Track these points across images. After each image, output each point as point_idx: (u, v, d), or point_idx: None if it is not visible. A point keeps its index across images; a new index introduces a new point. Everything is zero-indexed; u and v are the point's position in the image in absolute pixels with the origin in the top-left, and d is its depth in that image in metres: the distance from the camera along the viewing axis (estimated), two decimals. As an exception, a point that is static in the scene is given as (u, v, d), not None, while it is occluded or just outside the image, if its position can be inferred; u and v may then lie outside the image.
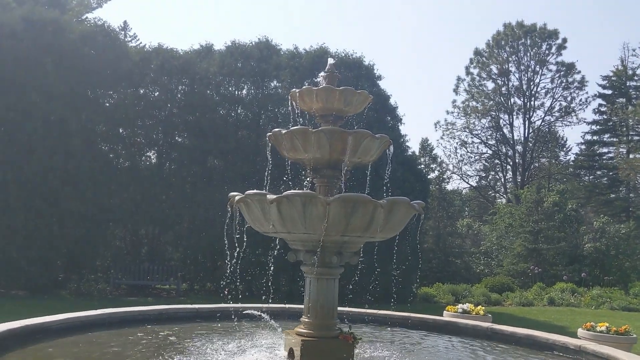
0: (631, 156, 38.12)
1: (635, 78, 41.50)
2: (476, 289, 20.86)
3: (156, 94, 19.77)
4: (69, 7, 27.64)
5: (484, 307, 10.56)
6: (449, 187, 41.13)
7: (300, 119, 6.17)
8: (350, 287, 10.79)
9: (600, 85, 42.71)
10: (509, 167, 44.52)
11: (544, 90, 42.64)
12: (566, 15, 63.53)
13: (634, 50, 41.37)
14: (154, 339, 6.59)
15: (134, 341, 6.45)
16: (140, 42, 32.23)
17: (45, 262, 16.46)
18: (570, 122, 43.03)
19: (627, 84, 41.62)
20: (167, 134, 19.72)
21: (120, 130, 19.25)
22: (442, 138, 45.53)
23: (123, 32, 31.25)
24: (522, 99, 42.83)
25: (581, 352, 6.53)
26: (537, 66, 42.36)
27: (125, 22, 33.46)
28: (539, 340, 7.17)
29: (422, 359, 6.46)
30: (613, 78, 42.15)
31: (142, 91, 19.57)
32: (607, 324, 8.91)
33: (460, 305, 10.18)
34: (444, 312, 10.07)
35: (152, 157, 20.29)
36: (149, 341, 6.48)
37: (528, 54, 42.40)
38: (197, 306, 8.72)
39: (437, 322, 8.53)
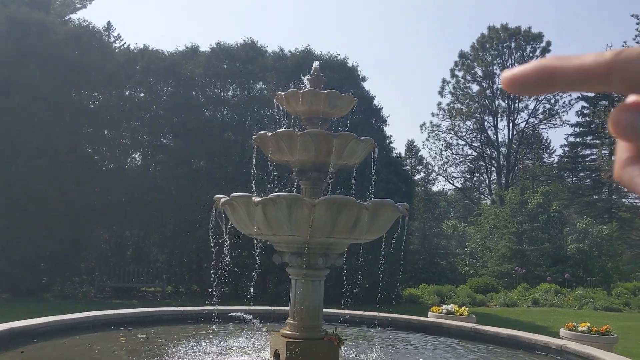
0: (613, 158, 38.46)
1: (618, 81, 42.03)
2: (461, 290, 21.00)
3: (141, 95, 19.67)
4: (52, 8, 27.43)
5: (468, 308, 10.64)
6: (435, 188, 41.36)
7: (286, 121, 6.20)
8: (336, 288, 10.84)
9: (583, 88, 43.19)
10: (493, 168, 44.90)
11: (528, 93, 43.07)
12: (550, 18, 64.18)
13: (616, 53, 41.87)
14: (139, 342, 6.59)
15: (119, 344, 6.44)
16: (125, 43, 32.08)
17: (29, 265, 16.31)
18: (553, 124, 43.56)
19: (610, 87, 42.14)
20: (153, 136, 19.64)
21: (105, 132, 19.14)
22: (427, 140, 45.82)
23: (107, 33, 31.05)
24: (506, 101, 43.23)
25: (563, 352, 6.63)
26: (522, 69, 42.79)
27: (109, 23, 33.24)
28: (521, 340, 7.27)
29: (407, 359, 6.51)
30: (596, 81, 42.68)
31: (127, 92, 19.47)
32: (589, 324, 9.02)
33: (444, 306, 10.25)
34: (429, 312, 10.14)
35: (138, 159, 20.19)
36: (134, 343, 6.47)
37: (513, 57, 42.82)
38: (182, 308, 8.71)
39: (421, 322, 8.61)
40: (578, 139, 43.65)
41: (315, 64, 6.15)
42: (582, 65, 0.33)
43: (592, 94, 42.97)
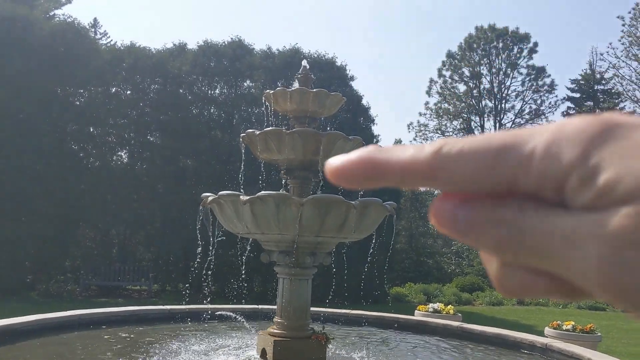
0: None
1: (603, 82, 42.52)
2: (447, 289, 21.11)
3: (128, 92, 19.55)
4: (37, 3, 27.17)
5: (454, 307, 10.69)
6: (422, 187, 41.52)
7: (274, 120, 6.20)
8: (323, 287, 10.84)
9: (569, 89, 43.68)
10: (479, 168, 45.18)
11: (514, 93, 43.43)
12: (537, 19, 64.65)
13: (601, 54, 42.40)
14: (124, 340, 6.55)
15: (105, 342, 6.40)
16: (112, 40, 31.81)
17: (13, 263, 16.14)
18: (540, 124, 43.82)
19: (595, 88, 42.63)
20: (139, 133, 19.52)
21: (91, 129, 18.99)
22: (415, 139, 45.98)
23: (93, 30, 30.79)
24: (493, 102, 43.53)
25: (548, 350, 6.69)
26: (508, 69, 43.08)
27: (95, 20, 32.94)
28: (507, 339, 7.32)
29: (394, 358, 6.53)
30: (582, 82, 43.14)
31: (113, 90, 19.34)
32: (573, 323, 9.10)
33: (431, 305, 10.30)
34: (415, 311, 10.18)
35: (124, 157, 20.06)
36: (119, 342, 6.43)
37: (500, 57, 43.09)
38: (168, 307, 8.67)
39: (408, 321, 8.64)
40: (563, 140, 44.04)
41: (304, 62, 6.16)
42: (402, 162, 0.30)
43: (578, 95, 43.47)
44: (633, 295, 0.24)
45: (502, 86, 43.27)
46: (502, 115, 43.53)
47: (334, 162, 0.31)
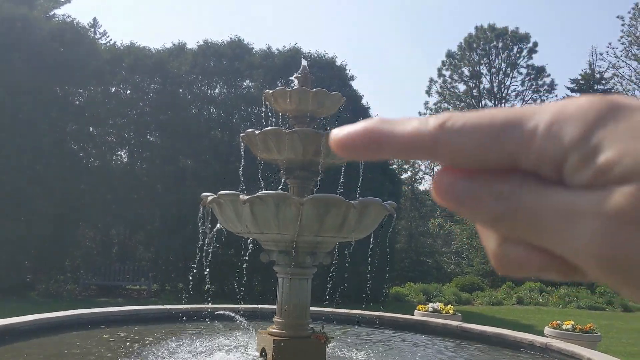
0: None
1: (603, 82, 42.54)
2: (447, 289, 21.11)
3: (127, 92, 19.55)
4: (37, 3, 27.15)
5: (453, 306, 10.70)
6: (421, 187, 41.53)
7: (274, 120, 6.20)
8: (323, 287, 10.83)
9: (568, 89, 43.65)
10: (479, 168, 45.20)
11: (514, 93, 43.50)
12: (537, 19, 64.68)
13: (601, 54, 42.45)
14: (124, 340, 6.55)
15: (104, 342, 6.40)
16: (111, 40, 31.83)
17: (13, 263, 16.14)
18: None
19: (595, 88, 42.61)
20: (139, 133, 19.52)
21: (91, 129, 18.99)
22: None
23: (93, 30, 30.79)
24: (492, 101, 43.55)
25: (547, 350, 6.69)
26: (508, 69, 43.12)
27: (95, 19, 32.95)
28: (507, 338, 7.33)
29: (394, 358, 6.54)
30: (581, 82, 43.14)
31: (113, 89, 19.34)
32: (573, 323, 9.10)
33: (430, 305, 10.30)
34: (415, 311, 10.18)
35: (123, 157, 20.07)
36: (119, 342, 6.43)
37: (499, 57, 43.12)
38: (168, 307, 8.68)
39: (408, 321, 8.65)
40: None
41: (304, 62, 6.15)
42: (406, 134, 0.30)
43: (578, 95, 43.47)
44: (630, 272, 0.25)
45: (502, 86, 43.32)
46: (501, 115, 43.65)
47: (339, 132, 0.31)
